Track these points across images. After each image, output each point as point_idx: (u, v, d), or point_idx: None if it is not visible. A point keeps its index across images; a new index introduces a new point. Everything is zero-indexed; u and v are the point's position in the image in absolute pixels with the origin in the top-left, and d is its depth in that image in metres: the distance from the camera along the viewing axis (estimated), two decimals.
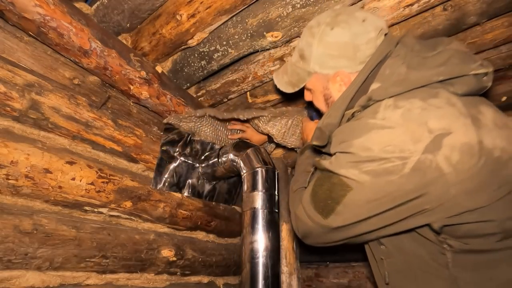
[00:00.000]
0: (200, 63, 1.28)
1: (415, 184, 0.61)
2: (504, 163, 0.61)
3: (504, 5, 0.95)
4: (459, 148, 0.59)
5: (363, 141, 0.65)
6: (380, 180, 0.63)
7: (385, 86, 0.68)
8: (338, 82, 0.83)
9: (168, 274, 1.31)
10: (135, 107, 1.29)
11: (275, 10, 1.02)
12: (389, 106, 0.65)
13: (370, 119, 0.66)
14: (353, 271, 1.92)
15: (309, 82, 0.90)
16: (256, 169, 1.27)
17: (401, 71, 0.69)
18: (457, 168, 0.59)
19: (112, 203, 1.11)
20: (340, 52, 0.80)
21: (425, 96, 0.65)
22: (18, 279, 0.86)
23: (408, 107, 0.63)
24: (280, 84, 0.98)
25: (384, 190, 0.63)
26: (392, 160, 0.61)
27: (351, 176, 0.65)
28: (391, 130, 0.63)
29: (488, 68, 0.65)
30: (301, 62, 0.88)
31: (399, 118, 0.63)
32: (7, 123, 0.90)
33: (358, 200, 0.66)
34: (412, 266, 0.73)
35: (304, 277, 2.08)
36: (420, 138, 0.60)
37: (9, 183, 0.86)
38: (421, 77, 0.66)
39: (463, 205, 0.61)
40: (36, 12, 0.86)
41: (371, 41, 0.78)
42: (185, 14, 1.07)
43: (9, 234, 0.84)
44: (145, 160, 1.28)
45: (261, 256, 1.11)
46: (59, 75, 1.03)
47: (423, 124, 0.61)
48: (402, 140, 0.61)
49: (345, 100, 0.77)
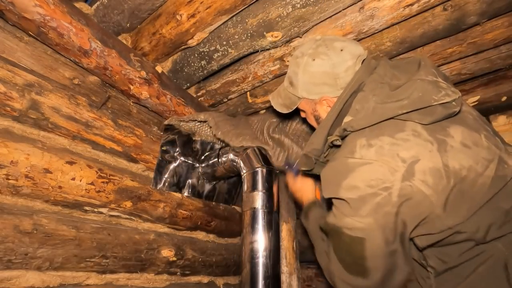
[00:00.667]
0: (200, 63, 1.28)
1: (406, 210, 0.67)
2: (472, 181, 0.68)
3: (504, 5, 0.95)
4: (429, 172, 0.67)
5: (349, 181, 0.71)
6: (380, 215, 0.68)
7: (356, 119, 0.77)
8: (324, 105, 0.93)
9: (168, 274, 1.31)
10: (135, 107, 1.29)
11: (275, 10, 1.02)
12: (363, 146, 0.72)
13: (350, 158, 0.73)
14: None
15: (301, 105, 0.99)
16: (256, 169, 1.27)
17: (369, 106, 0.76)
18: (435, 189, 0.66)
19: (112, 203, 1.11)
20: (322, 80, 0.89)
21: (392, 131, 0.72)
22: (18, 279, 0.86)
23: (379, 145, 0.70)
24: (276, 106, 1.06)
25: (387, 222, 0.68)
26: (379, 193, 0.67)
27: (356, 225, 0.70)
28: (370, 165, 0.69)
29: (454, 95, 0.70)
30: (291, 88, 0.96)
31: (374, 155, 0.70)
32: (7, 123, 0.90)
33: (376, 245, 0.69)
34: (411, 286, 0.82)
35: (304, 277, 2.08)
36: (396, 168, 0.67)
37: (9, 183, 0.86)
38: (386, 111, 0.73)
39: (444, 223, 0.68)
40: (36, 12, 0.86)
41: (350, 69, 0.86)
42: (185, 14, 1.07)
43: (9, 234, 0.84)
44: (145, 160, 1.28)
45: (261, 256, 1.11)
46: (59, 75, 1.03)
47: (395, 156, 0.68)
48: (381, 172, 0.68)
49: (325, 128, 0.85)
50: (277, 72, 1.27)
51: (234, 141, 1.30)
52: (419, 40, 1.08)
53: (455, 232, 0.69)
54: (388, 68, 0.84)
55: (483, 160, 0.70)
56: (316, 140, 0.87)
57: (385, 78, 0.81)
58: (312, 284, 2.06)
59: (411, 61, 0.84)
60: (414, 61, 0.83)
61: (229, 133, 1.33)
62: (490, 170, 0.69)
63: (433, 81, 0.74)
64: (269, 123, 1.48)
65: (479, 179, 0.68)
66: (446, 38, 1.11)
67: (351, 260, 0.72)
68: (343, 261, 0.74)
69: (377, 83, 0.80)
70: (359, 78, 0.84)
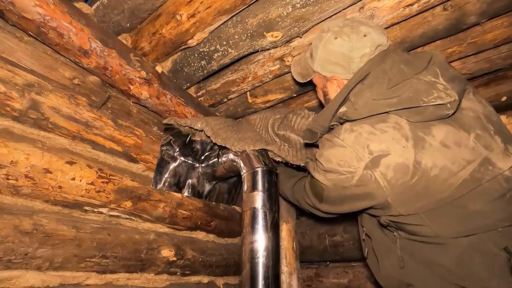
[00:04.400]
0: (200, 63, 1.28)
1: (362, 191, 0.81)
2: (442, 180, 0.73)
3: (504, 5, 0.95)
4: (393, 167, 0.75)
5: (328, 154, 0.86)
6: (338, 186, 0.85)
7: (349, 111, 0.85)
8: (334, 84, 0.97)
9: (168, 274, 1.31)
10: (135, 107, 1.29)
11: (275, 10, 1.02)
12: (347, 130, 0.83)
13: (335, 137, 0.84)
14: (353, 271, 1.92)
15: (314, 78, 1.04)
16: (256, 169, 1.27)
17: (362, 100, 0.82)
18: (391, 183, 0.76)
19: (112, 203, 1.11)
20: (337, 60, 0.93)
21: (375, 121, 0.80)
22: (18, 279, 0.86)
23: (359, 131, 0.80)
24: (294, 73, 1.11)
25: (342, 192, 0.86)
26: (343, 173, 0.81)
27: (321, 181, 0.89)
28: (344, 149, 0.81)
29: (448, 99, 0.73)
30: (310, 59, 1.01)
31: (352, 140, 0.80)
32: (7, 123, 0.90)
33: (329, 196, 0.91)
34: (379, 245, 0.96)
35: (304, 277, 2.08)
36: (362, 157, 0.77)
37: (9, 183, 0.86)
38: (376, 106, 0.80)
39: (397, 210, 0.80)
40: (36, 12, 0.86)
41: (365, 56, 0.89)
42: (185, 14, 1.07)
43: (9, 234, 0.84)
44: (145, 160, 1.28)
45: (261, 256, 1.11)
46: (59, 75, 1.03)
47: (366, 147, 0.77)
48: (350, 158, 0.79)
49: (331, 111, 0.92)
50: (277, 72, 1.27)
51: (235, 146, 1.29)
52: (419, 40, 1.08)
53: (414, 223, 0.80)
54: (397, 63, 0.85)
55: (462, 160, 0.73)
56: (322, 120, 0.94)
57: (389, 72, 0.83)
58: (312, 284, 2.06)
59: (423, 57, 0.85)
60: (426, 57, 0.84)
61: (230, 139, 1.31)
62: (466, 171, 0.73)
63: (430, 81, 0.76)
64: (273, 120, 1.45)
65: (451, 179, 0.73)
66: (446, 38, 1.11)
67: (314, 190, 0.97)
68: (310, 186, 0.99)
69: (378, 78, 0.84)
70: (367, 69, 0.86)
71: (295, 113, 1.48)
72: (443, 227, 0.76)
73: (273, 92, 1.42)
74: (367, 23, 0.91)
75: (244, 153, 1.31)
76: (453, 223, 0.75)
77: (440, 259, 0.78)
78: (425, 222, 0.78)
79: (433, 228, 0.77)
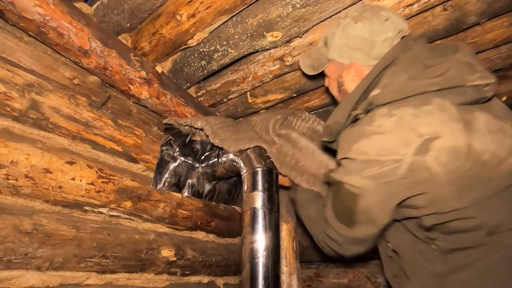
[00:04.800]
0: (200, 63, 1.28)
1: (410, 184, 0.68)
2: (493, 166, 0.66)
3: (504, 5, 0.95)
4: (446, 151, 0.65)
5: (360, 145, 0.73)
6: (380, 183, 0.71)
7: (384, 93, 0.75)
8: (352, 72, 0.90)
9: (168, 274, 1.31)
10: (135, 107, 1.29)
11: (275, 10, 1.02)
12: (384, 115, 0.71)
13: (367, 126, 0.73)
14: (353, 271, 1.92)
15: (327, 69, 0.97)
16: (256, 169, 1.27)
17: (400, 80, 0.74)
18: (446, 169, 0.65)
19: (112, 203, 1.11)
20: (357, 45, 0.87)
21: (418, 103, 0.69)
22: (18, 279, 0.86)
23: (400, 115, 0.69)
24: (303, 66, 1.05)
25: (385, 191, 0.71)
26: (387, 164, 0.68)
27: (354, 183, 0.74)
28: (385, 135, 0.69)
29: (488, 79, 0.68)
30: (324, 48, 0.94)
31: (393, 125, 0.69)
32: (7, 123, 0.90)
33: (367, 205, 0.74)
34: (412, 262, 0.81)
35: (304, 277, 2.08)
36: (410, 142, 0.66)
37: (9, 183, 0.86)
38: (416, 86, 0.71)
39: (452, 204, 0.68)
40: (36, 12, 0.86)
41: (388, 40, 0.83)
42: (185, 14, 1.07)
43: (9, 234, 0.84)
44: (145, 160, 1.28)
45: (261, 256, 1.11)
46: (59, 75, 1.03)
47: (413, 130, 0.67)
48: (394, 144, 0.68)
49: (351, 101, 0.83)
50: (277, 72, 1.27)
51: (232, 147, 1.28)
52: None
53: (464, 217, 0.68)
54: (425, 49, 0.81)
55: (507, 147, 0.67)
56: (340, 113, 0.85)
57: (420, 57, 0.78)
58: (312, 284, 2.06)
59: (448, 46, 0.81)
60: (451, 46, 0.81)
61: (228, 140, 1.30)
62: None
63: (470, 62, 0.72)
64: (274, 121, 1.43)
65: (502, 165, 0.66)
66: (446, 38, 1.11)
67: (342, 209, 0.80)
68: (335, 208, 0.83)
69: (410, 61, 0.78)
70: (394, 54, 0.81)
71: (296, 115, 1.48)
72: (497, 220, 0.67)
73: (273, 92, 1.42)
74: (386, 9, 0.88)
75: (244, 153, 1.31)
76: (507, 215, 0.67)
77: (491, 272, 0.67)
78: (479, 216, 0.67)
79: (487, 223, 0.67)
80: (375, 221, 0.77)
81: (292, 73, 1.31)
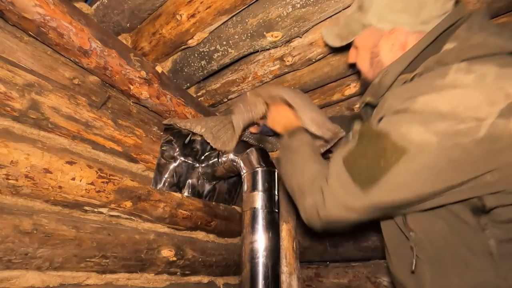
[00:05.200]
0: (200, 63, 1.28)
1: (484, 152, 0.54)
2: None
3: (504, 5, 0.95)
4: None
5: (430, 98, 0.58)
6: (448, 144, 0.55)
7: (461, 47, 0.62)
8: (392, 40, 0.77)
9: (168, 274, 1.31)
10: (135, 107, 1.29)
11: (275, 10, 1.02)
12: (461, 70, 0.59)
13: (438, 80, 0.60)
14: (353, 271, 1.92)
15: (359, 37, 0.85)
16: (256, 169, 1.27)
17: (480, 35, 0.63)
18: None
19: (112, 203, 1.11)
20: (404, 6, 0.74)
21: (503, 63, 0.58)
22: (18, 279, 0.86)
23: (483, 72, 0.57)
24: (328, 36, 0.93)
25: (448, 156, 0.56)
26: (466, 121, 0.54)
27: (414, 136, 0.57)
28: (465, 89, 0.57)
29: None
30: (358, 13, 0.82)
31: (472, 82, 0.57)
32: (7, 123, 0.90)
33: (411, 168, 0.58)
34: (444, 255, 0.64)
35: (304, 277, 2.08)
36: (496, 100, 0.54)
37: (9, 183, 0.86)
38: (502, 44, 0.60)
39: None
40: (36, 12, 0.86)
41: (440, 1, 0.71)
42: (185, 14, 1.07)
43: (9, 234, 0.84)
44: (145, 160, 1.28)
45: (261, 256, 1.11)
46: (59, 75, 1.03)
47: (499, 89, 0.55)
48: (477, 101, 0.55)
49: (404, 62, 0.71)
50: (277, 72, 1.27)
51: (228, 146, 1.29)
52: None
53: None
54: (487, 18, 0.70)
55: None
56: (390, 74, 0.72)
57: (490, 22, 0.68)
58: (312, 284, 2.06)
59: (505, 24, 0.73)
60: None
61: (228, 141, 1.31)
62: None
63: None
64: None
65: None
66: None
67: (368, 166, 0.62)
68: (355, 163, 0.65)
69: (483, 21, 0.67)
70: (458, 14, 0.69)
71: None
72: None
73: None
74: None
75: (244, 153, 1.31)
76: None
77: None
78: None
79: None
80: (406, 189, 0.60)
81: (292, 73, 1.31)
